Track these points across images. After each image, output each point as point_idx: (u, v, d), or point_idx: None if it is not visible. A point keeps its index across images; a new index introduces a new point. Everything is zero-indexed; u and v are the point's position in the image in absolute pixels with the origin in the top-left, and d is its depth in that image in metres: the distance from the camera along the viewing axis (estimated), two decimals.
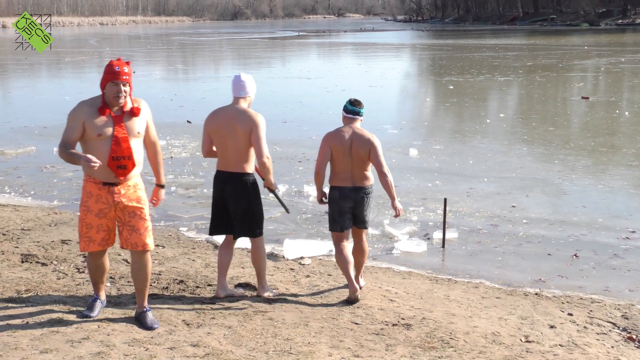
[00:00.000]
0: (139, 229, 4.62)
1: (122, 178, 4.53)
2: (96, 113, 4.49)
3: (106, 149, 4.46)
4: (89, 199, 4.58)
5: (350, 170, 5.61)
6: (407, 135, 14.41)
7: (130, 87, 4.58)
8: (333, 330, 4.88)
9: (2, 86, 25.18)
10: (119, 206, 4.57)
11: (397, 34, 71.73)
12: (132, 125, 4.57)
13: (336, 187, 5.64)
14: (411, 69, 33.73)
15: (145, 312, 4.75)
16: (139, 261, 4.69)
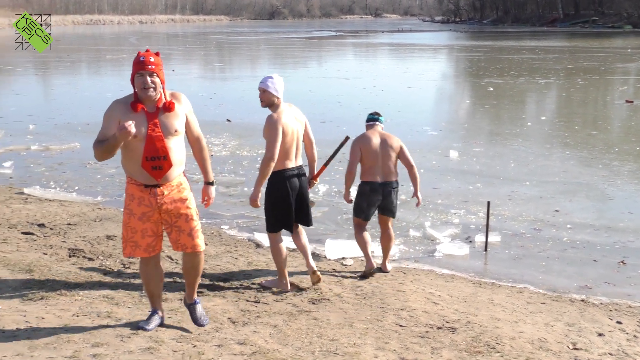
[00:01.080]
0: (185, 230, 4.38)
1: (158, 179, 4.26)
2: (130, 110, 4.22)
3: (141, 150, 4.21)
4: (132, 201, 4.35)
5: (380, 167, 6.34)
6: (447, 137, 14.30)
7: (161, 79, 4.25)
8: (378, 331, 4.87)
9: (46, 83, 25.62)
10: (163, 208, 4.33)
11: (435, 35, 71.32)
12: (167, 122, 4.25)
13: (367, 182, 6.34)
14: (449, 70, 33.51)
15: (194, 304, 4.66)
16: (191, 261, 4.52)
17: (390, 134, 6.57)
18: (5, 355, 3.93)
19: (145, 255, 4.44)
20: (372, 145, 6.38)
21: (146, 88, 4.19)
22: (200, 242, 4.47)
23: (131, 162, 4.28)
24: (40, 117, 16.34)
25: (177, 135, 4.31)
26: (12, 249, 6.37)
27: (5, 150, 12.21)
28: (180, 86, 21.97)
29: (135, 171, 4.28)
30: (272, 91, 5.66)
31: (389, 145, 6.42)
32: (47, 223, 7.53)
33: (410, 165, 6.48)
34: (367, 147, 6.38)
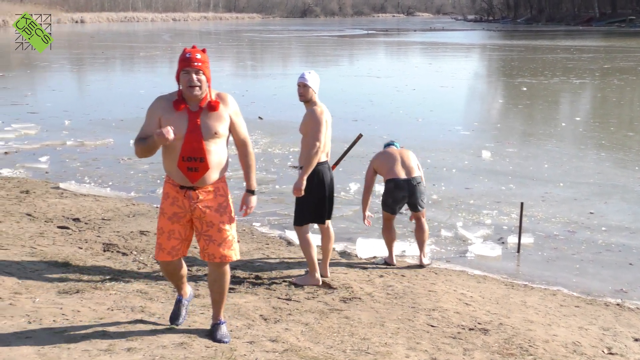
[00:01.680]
0: (216, 240, 4.16)
1: (193, 182, 4.09)
2: (172, 108, 4.08)
3: (179, 150, 4.05)
4: (165, 200, 4.20)
5: (401, 165, 6.61)
6: (479, 137, 14.19)
7: (207, 77, 4.10)
8: (409, 331, 4.86)
9: (81, 80, 25.95)
10: (196, 213, 4.14)
11: (468, 34, 70.80)
12: (209, 123, 4.07)
13: (391, 179, 6.55)
14: (482, 69, 33.24)
15: (219, 324, 4.38)
16: (216, 271, 4.29)
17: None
18: (44, 347, 3.99)
19: (168, 259, 4.25)
20: (387, 153, 6.77)
21: (192, 86, 4.03)
22: (229, 253, 4.23)
23: (169, 160, 4.14)
24: (75, 113, 16.55)
25: (219, 137, 4.09)
26: (49, 243, 6.47)
27: (41, 145, 12.40)
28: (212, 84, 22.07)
29: (172, 170, 4.14)
30: (312, 86, 5.82)
31: (408, 154, 6.79)
32: (82, 217, 7.63)
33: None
34: (381, 157, 6.76)
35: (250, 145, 4.35)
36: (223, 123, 4.12)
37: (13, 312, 4.51)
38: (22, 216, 7.44)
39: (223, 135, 4.13)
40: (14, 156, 11.53)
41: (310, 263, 5.89)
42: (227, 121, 4.16)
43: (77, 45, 45.09)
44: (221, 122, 4.11)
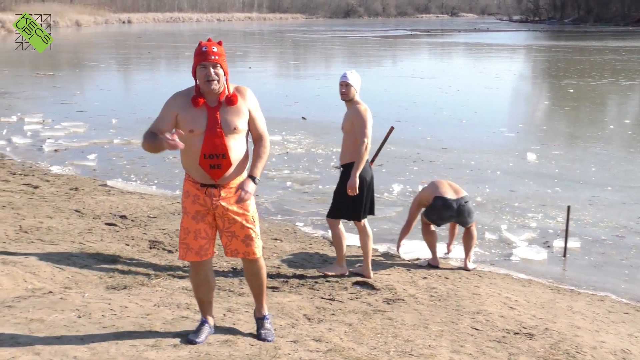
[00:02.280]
0: (239, 236, 4.10)
1: (215, 180, 3.97)
2: (190, 105, 3.95)
3: (199, 147, 3.92)
4: (187, 199, 4.09)
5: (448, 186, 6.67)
6: (524, 139, 14.01)
7: (225, 70, 3.95)
8: (453, 334, 4.82)
9: (127, 79, 26.38)
10: (218, 211, 4.04)
11: (513, 35, 69.92)
12: (228, 118, 3.95)
13: (440, 197, 6.53)
14: (528, 70, 32.80)
15: (263, 319, 4.40)
16: (250, 268, 4.28)
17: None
18: (93, 341, 4.08)
19: (197, 259, 4.13)
20: (432, 183, 6.84)
21: (209, 81, 3.90)
22: (255, 250, 4.16)
23: (188, 158, 4.01)
24: (122, 111, 16.82)
25: (238, 132, 3.98)
26: (97, 239, 6.60)
27: (89, 143, 12.65)
28: (256, 83, 22.26)
29: (192, 168, 4.01)
30: (354, 85, 5.93)
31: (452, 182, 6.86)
32: (128, 215, 7.76)
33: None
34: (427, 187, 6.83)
35: (267, 140, 4.14)
36: (242, 118, 4.00)
37: (64, 306, 4.62)
38: (72, 212, 7.60)
39: (243, 130, 4.02)
40: (64, 154, 11.78)
41: (339, 253, 6.09)
42: (247, 116, 4.03)
43: (124, 45, 45.83)
44: (240, 117, 3.99)
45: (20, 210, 7.36)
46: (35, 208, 7.57)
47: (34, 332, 4.12)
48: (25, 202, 7.79)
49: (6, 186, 8.64)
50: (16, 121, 14.80)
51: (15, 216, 7.09)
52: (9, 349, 3.87)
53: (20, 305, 4.57)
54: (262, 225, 7.84)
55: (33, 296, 4.78)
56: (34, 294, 4.84)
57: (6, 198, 7.90)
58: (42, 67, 28.29)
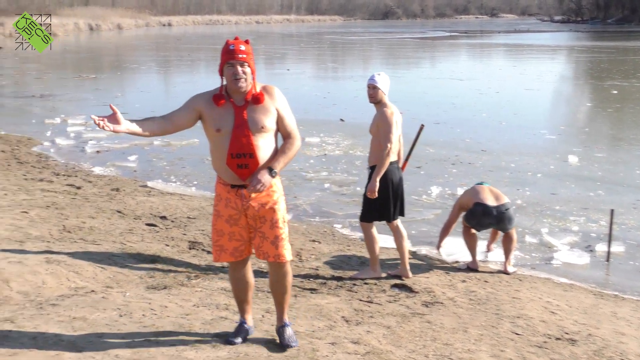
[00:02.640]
0: (269, 237, 4.02)
1: (243, 179, 3.92)
2: (213, 105, 3.93)
3: (226, 146, 3.88)
4: (219, 202, 4.05)
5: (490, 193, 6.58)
6: (566, 141, 13.80)
7: (252, 69, 3.91)
8: (493, 338, 4.77)
9: (167, 81, 26.68)
10: (249, 212, 3.99)
11: (554, 35, 68.97)
12: (256, 117, 3.89)
13: (480, 204, 6.48)
14: (569, 72, 32.30)
15: (284, 326, 4.27)
16: (276, 272, 4.16)
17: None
18: (133, 340, 4.14)
19: (232, 260, 4.12)
20: (473, 188, 6.77)
21: (237, 79, 3.85)
22: (284, 253, 4.07)
23: (217, 159, 3.98)
24: (162, 113, 16.88)
25: (266, 131, 3.92)
26: (138, 239, 6.68)
27: (130, 144, 12.82)
28: (294, 85, 22.33)
29: (221, 169, 3.98)
30: (382, 87, 5.97)
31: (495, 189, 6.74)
32: (168, 215, 7.85)
33: None
34: (468, 192, 6.78)
35: (296, 138, 4.05)
36: (269, 116, 3.94)
37: (106, 305, 4.69)
38: (113, 213, 7.71)
39: (270, 130, 3.95)
40: (105, 155, 11.97)
41: (372, 256, 6.07)
42: (274, 115, 3.97)
43: (164, 48, 46.40)
44: (267, 116, 3.93)
45: (64, 210, 7.49)
46: (78, 208, 7.70)
47: (76, 331, 4.20)
48: (68, 202, 7.93)
49: (50, 186, 8.81)
50: (60, 123, 15.09)
51: (59, 216, 7.22)
52: (53, 347, 3.94)
53: (63, 303, 4.66)
54: (300, 226, 7.91)
55: (76, 295, 4.87)
56: (76, 292, 4.93)
57: (50, 198, 8.05)
58: (85, 70, 28.81)
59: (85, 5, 79.27)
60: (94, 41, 51.97)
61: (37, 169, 10.19)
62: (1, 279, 4.93)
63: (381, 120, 5.90)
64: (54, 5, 72.88)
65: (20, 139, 12.97)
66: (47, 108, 17.43)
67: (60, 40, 51.50)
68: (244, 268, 4.22)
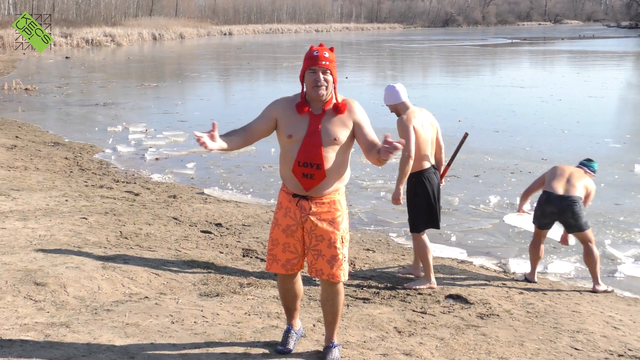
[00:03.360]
0: (325, 255, 3.89)
1: (307, 190, 3.84)
2: (293, 110, 3.85)
3: (295, 154, 3.81)
4: (279, 210, 4.00)
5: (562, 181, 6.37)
6: (632, 150, 13.36)
7: (334, 78, 3.81)
8: (551, 353, 4.62)
9: (227, 89, 27.00)
10: (307, 225, 3.89)
11: (621, 42, 67.17)
12: (330, 128, 3.80)
13: (545, 192, 6.38)
14: (636, 79, 31.36)
15: (331, 347, 4.12)
16: (327, 290, 4.03)
17: (589, 175, 6.61)
18: (185, 346, 4.16)
19: (283, 272, 4.03)
20: (562, 167, 6.55)
21: (318, 86, 3.77)
22: (339, 273, 3.93)
23: (285, 165, 3.91)
24: (221, 121, 16.91)
25: (337, 144, 3.81)
26: (192, 246, 6.74)
27: (188, 152, 12.99)
28: (352, 93, 22.30)
29: (286, 176, 3.92)
30: (389, 102, 6.02)
31: (581, 176, 6.45)
32: (223, 223, 7.90)
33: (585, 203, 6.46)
34: (556, 168, 6.55)
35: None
36: (344, 129, 3.83)
37: (158, 311, 4.73)
38: (169, 220, 7.81)
39: (342, 143, 3.84)
40: (164, 162, 12.16)
41: (427, 267, 5.99)
42: (349, 129, 3.85)
43: (225, 57, 47.03)
44: (342, 128, 3.83)
45: (122, 217, 7.62)
46: (135, 215, 7.82)
47: (129, 337, 4.24)
48: (126, 209, 8.06)
49: (109, 193, 8.99)
50: (121, 130, 15.41)
51: (116, 222, 7.35)
52: (106, 353, 3.99)
53: (117, 309, 4.72)
54: (355, 235, 7.85)
55: (130, 301, 4.93)
56: (131, 298, 4.99)
57: (109, 204, 8.21)
58: (148, 79, 29.43)
59: (150, 16, 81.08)
60: (157, 50, 53.06)
61: (98, 176, 10.41)
62: (59, 283, 5.04)
63: (399, 129, 5.83)
64: (120, 15, 74.81)
65: (84, 146, 13.29)
66: (110, 116, 17.83)
67: (124, 49, 52.84)
68: (293, 280, 4.13)
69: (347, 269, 4.00)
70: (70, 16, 66.13)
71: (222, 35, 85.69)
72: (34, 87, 23.93)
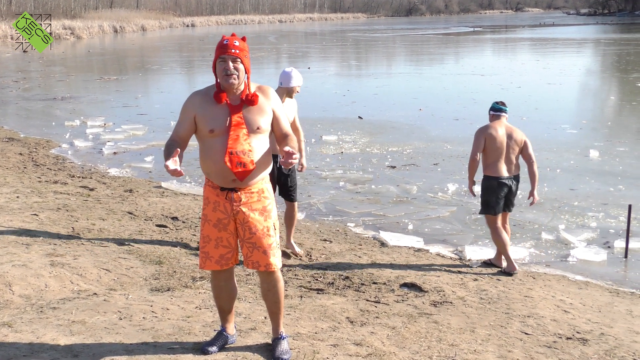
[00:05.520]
0: (260, 247, 3.84)
1: (241, 179, 3.76)
2: (210, 103, 3.78)
3: (222, 146, 3.73)
4: (207, 206, 3.90)
5: (504, 161, 6.37)
6: (587, 136, 13.56)
7: (246, 67, 3.78)
8: (501, 339, 4.65)
9: (189, 81, 26.72)
10: (239, 217, 3.83)
11: (580, 29, 68.08)
12: (251, 117, 3.77)
13: (493, 177, 6.36)
14: (594, 65, 31.82)
15: (279, 339, 4.07)
16: (266, 281, 3.97)
17: (515, 127, 6.53)
18: (131, 342, 4.09)
19: (217, 268, 3.94)
20: (498, 137, 6.36)
21: (228, 75, 3.72)
22: (274, 261, 3.89)
23: (209, 160, 3.81)
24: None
25: (261, 132, 3.80)
26: (146, 241, 6.65)
27: (147, 145, 12.84)
28: (314, 83, 22.26)
29: (211, 171, 3.82)
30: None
31: (514, 139, 6.40)
32: (180, 216, 7.81)
33: (531, 162, 6.44)
34: (492, 139, 6.36)
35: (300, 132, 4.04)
36: (265, 117, 3.82)
37: (106, 308, 4.66)
38: (124, 214, 7.70)
39: (266, 131, 3.83)
40: (122, 156, 12.00)
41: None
42: (270, 115, 3.85)
43: (187, 49, 46.59)
44: (263, 116, 3.81)
45: (75, 212, 7.49)
46: (89, 210, 7.70)
47: (74, 334, 4.16)
48: (80, 204, 7.93)
49: (64, 189, 8.83)
50: (79, 125, 15.17)
51: (68, 218, 7.23)
52: (49, 352, 3.91)
53: (64, 307, 4.64)
54: (313, 225, 7.84)
55: (78, 298, 4.84)
56: (79, 295, 4.90)
57: (62, 200, 8.07)
58: (108, 72, 29.02)
59: (110, 8, 79.88)
60: (118, 43, 52.35)
61: (53, 172, 10.23)
62: (4, 282, 4.93)
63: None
64: (80, 8, 73.58)
65: (39, 141, 13.06)
66: (68, 110, 17.55)
67: (85, 42, 52.03)
68: (228, 277, 4.04)
69: (280, 256, 3.96)
70: (28, 8, 64.86)
71: (184, 27, 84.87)
72: None
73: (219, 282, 4.04)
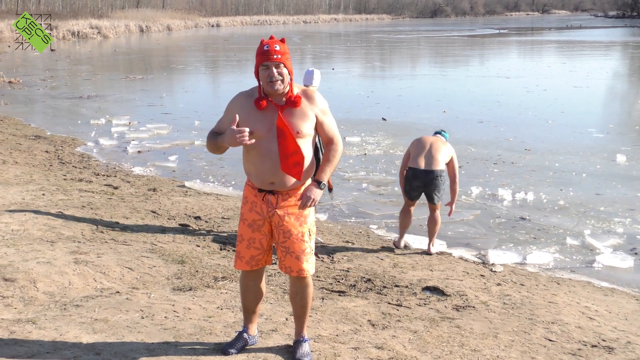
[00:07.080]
0: (294, 251, 3.85)
1: (299, 179, 3.76)
2: (252, 106, 3.76)
3: (266, 149, 3.72)
4: (244, 205, 3.92)
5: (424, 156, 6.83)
6: (615, 140, 13.38)
7: (289, 69, 3.74)
8: (524, 345, 4.60)
9: (213, 81, 26.86)
10: (274, 220, 3.83)
11: (608, 31, 67.28)
12: (292, 121, 3.73)
13: (410, 168, 6.89)
14: (622, 68, 31.44)
15: (301, 341, 4.08)
16: (296, 285, 3.98)
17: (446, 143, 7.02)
18: (153, 342, 4.10)
19: (247, 269, 3.96)
20: (423, 140, 7.00)
21: (272, 82, 3.68)
22: (307, 267, 3.89)
23: (249, 161, 3.85)
24: (205, 113, 17.08)
25: (300, 137, 3.73)
26: (169, 240, 6.67)
27: (171, 144, 12.90)
28: (338, 84, 22.23)
29: (251, 171, 3.84)
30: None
31: (440, 146, 6.89)
32: (202, 216, 7.83)
33: (453, 178, 6.94)
34: (418, 141, 6.99)
35: (338, 144, 3.87)
36: (307, 122, 3.76)
37: (129, 306, 4.68)
38: (147, 213, 7.74)
39: (307, 135, 3.77)
40: (146, 155, 12.07)
41: None
42: (312, 120, 3.78)
43: (212, 48, 46.77)
44: (304, 121, 3.75)
45: (99, 211, 7.54)
46: (113, 208, 7.74)
47: (97, 332, 4.19)
48: (104, 203, 7.98)
49: (88, 187, 8.90)
50: (104, 123, 15.29)
51: (93, 216, 7.27)
52: (71, 349, 3.94)
53: (87, 304, 4.66)
54: (335, 227, 7.82)
55: (101, 296, 4.87)
56: (101, 294, 4.93)
57: (87, 198, 8.13)
58: (134, 71, 29.23)
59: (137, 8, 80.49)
60: (144, 42, 52.70)
61: (78, 169, 10.32)
62: (28, 279, 4.97)
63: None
64: (107, 7, 74.26)
65: (65, 139, 13.17)
66: (94, 109, 17.70)
67: (111, 42, 52.46)
68: (256, 277, 4.04)
69: (313, 262, 3.96)
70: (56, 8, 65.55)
71: (209, 27, 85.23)
72: (17, 80, 23.71)
73: (247, 281, 4.05)
